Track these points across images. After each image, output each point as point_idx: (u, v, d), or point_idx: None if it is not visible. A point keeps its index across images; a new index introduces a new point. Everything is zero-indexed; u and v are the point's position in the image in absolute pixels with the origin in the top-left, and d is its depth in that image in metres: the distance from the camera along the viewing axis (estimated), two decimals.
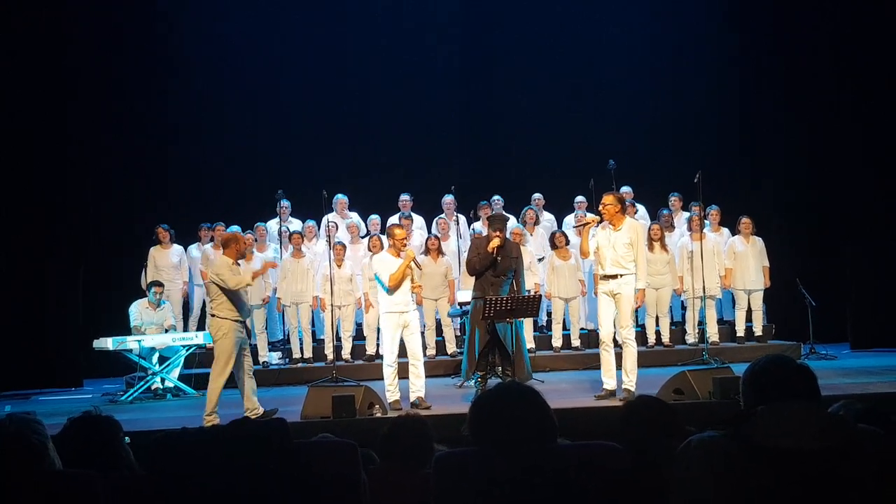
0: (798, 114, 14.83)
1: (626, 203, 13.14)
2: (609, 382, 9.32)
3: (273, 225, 13.78)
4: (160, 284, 12.19)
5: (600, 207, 9.42)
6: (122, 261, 13.77)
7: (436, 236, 12.69)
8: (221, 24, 15.29)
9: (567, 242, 12.73)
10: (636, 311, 9.62)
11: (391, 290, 9.19)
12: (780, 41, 15.02)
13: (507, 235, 10.60)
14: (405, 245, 9.50)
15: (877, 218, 13.75)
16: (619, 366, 9.41)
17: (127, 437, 3.96)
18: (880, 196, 13.72)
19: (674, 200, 13.77)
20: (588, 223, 9.54)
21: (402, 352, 9.45)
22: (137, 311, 11.94)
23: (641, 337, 12.87)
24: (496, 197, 13.82)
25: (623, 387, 9.25)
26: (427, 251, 12.42)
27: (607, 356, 9.35)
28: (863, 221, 13.88)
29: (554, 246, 12.79)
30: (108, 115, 14.54)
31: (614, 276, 9.18)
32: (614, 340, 9.54)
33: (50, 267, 13.20)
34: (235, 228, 13.30)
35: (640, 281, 9.33)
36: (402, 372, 9.44)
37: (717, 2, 15.61)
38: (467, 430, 3.24)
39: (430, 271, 11.98)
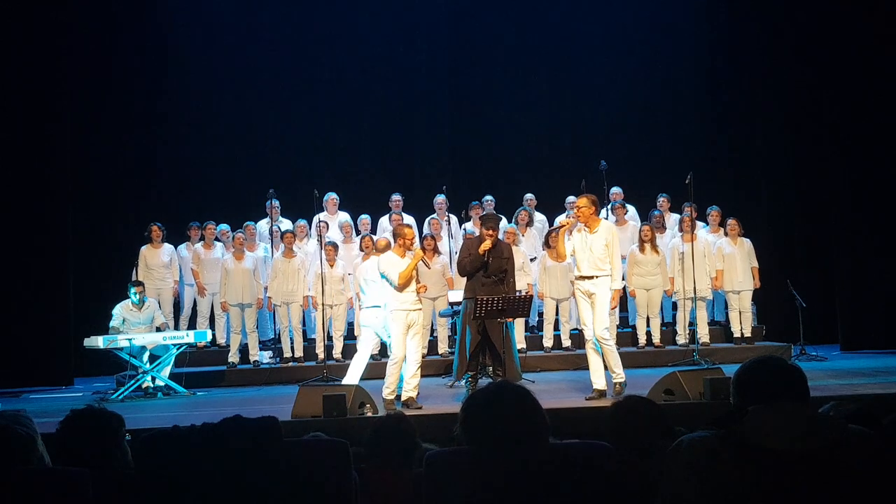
0: (789, 114, 14.84)
1: (617, 204, 13.25)
2: (599, 383, 9.33)
3: (263, 224, 13.78)
4: (140, 284, 12.09)
5: (574, 210, 9.45)
6: (113, 259, 13.74)
7: (431, 236, 12.68)
8: (213, 23, 15.26)
9: None
10: (616, 310, 9.60)
11: (401, 288, 9.23)
12: (774, 39, 15.01)
13: (500, 236, 10.59)
14: (413, 244, 9.56)
15: (868, 219, 13.75)
16: (604, 366, 9.46)
17: (128, 435, 3.94)
18: (871, 197, 13.72)
19: (662, 201, 13.79)
20: (564, 226, 9.55)
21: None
22: (120, 312, 11.83)
23: (632, 338, 12.91)
24: (488, 197, 13.82)
25: (614, 381, 9.29)
26: (423, 251, 12.41)
27: (595, 356, 9.36)
28: (854, 223, 13.88)
29: (548, 246, 12.80)
30: (98, 114, 14.46)
31: (590, 277, 9.23)
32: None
33: (40, 265, 13.13)
34: (225, 227, 13.32)
35: (615, 281, 9.36)
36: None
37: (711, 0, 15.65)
38: (459, 429, 3.24)
39: (426, 271, 11.98)
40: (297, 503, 3.36)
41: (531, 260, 12.95)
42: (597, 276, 9.21)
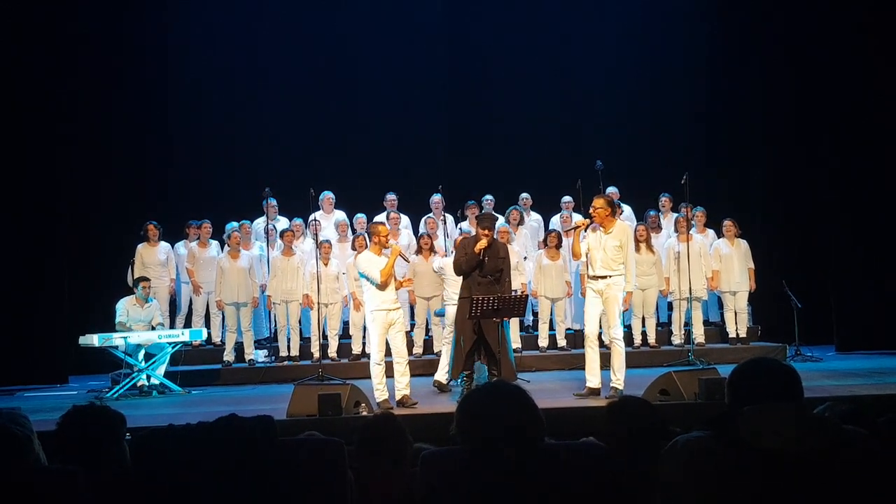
0: (787, 115, 14.84)
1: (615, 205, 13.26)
2: (592, 381, 9.35)
3: (260, 223, 13.77)
4: (147, 279, 12.14)
5: (591, 210, 9.47)
6: (109, 257, 13.72)
7: (427, 235, 12.68)
8: (210, 21, 15.25)
9: (559, 244, 12.72)
10: (622, 312, 9.64)
11: (383, 286, 9.21)
12: (772, 40, 15.02)
13: (495, 235, 10.58)
14: (388, 241, 9.55)
15: (864, 220, 13.77)
16: (606, 365, 9.48)
17: (128, 434, 3.93)
18: (867, 198, 13.74)
19: (664, 201, 13.83)
20: (578, 227, 9.58)
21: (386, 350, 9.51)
22: (124, 308, 11.86)
23: (628, 337, 12.82)
24: (488, 196, 13.81)
25: (611, 385, 9.30)
26: (419, 250, 12.42)
27: (592, 354, 9.37)
28: (850, 224, 13.90)
29: (546, 245, 12.80)
30: (95, 112, 14.48)
31: (603, 277, 9.26)
32: (601, 340, 9.56)
33: (35, 263, 13.13)
34: (233, 224, 13.31)
35: (628, 283, 9.39)
36: (388, 370, 9.46)
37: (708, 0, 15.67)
38: (455, 429, 3.24)
39: (421, 270, 11.98)
40: (293, 502, 3.36)
41: (523, 259, 12.95)
42: (609, 276, 9.24)
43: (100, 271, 13.74)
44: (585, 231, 9.50)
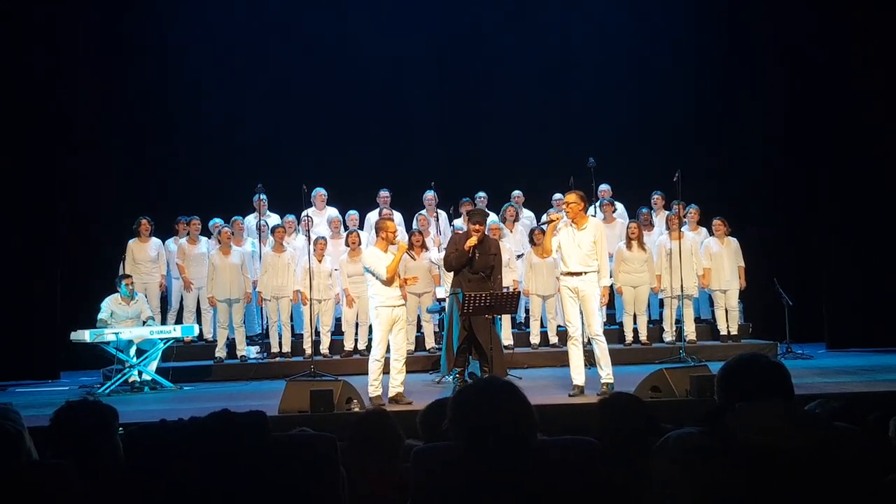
0: (779, 114, 14.86)
1: (605, 201, 13.26)
2: (578, 379, 9.36)
3: (251, 219, 13.74)
4: (129, 277, 12.09)
5: (563, 206, 9.47)
6: (100, 253, 13.69)
7: (419, 231, 12.68)
8: (202, 19, 15.22)
9: None
10: (604, 308, 9.62)
11: (389, 282, 9.20)
12: (766, 40, 15.04)
13: (486, 231, 10.57)
14: (396, 238, 9.55)
15: (855, 218, 13.79)
16: (593, 363, 9.50)
17: (121, 429, 3.92)
18: (858, 197, 13.76)
19: (656, 199, 13.82)
20: (554, 220, 9.56)
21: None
22: (108, 305, 11.79)
23: (619, 335, 12.92)
24: (481, 193, 13.81)
25: (602, 381, 9.31)
26: (411, 246, 12.39)
27: (577, 352, 9.39)
28: (840, 221, 13.92)
29: (532, 243, 12.80)
30: (95, 112, 14.47)
31: (578, 274, 9.25)
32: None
33: (27, 258, 13.09)
34: (218, 221, 13.29)
35: (604, 279, 9.39)
36: (384, 367, 9.45)
37: None
38: (447, 424, 3.25)
39: (413, 266, 11.96)
40: (286, 498, 3.36)
41: (518, 256, 12.95)
42: (585, 273, 9.22)
43: (91, 267, 13.69)
44: (561, 224, 9.48)
